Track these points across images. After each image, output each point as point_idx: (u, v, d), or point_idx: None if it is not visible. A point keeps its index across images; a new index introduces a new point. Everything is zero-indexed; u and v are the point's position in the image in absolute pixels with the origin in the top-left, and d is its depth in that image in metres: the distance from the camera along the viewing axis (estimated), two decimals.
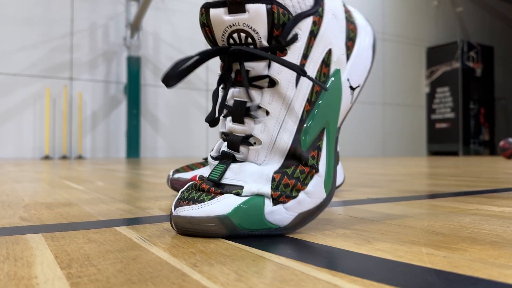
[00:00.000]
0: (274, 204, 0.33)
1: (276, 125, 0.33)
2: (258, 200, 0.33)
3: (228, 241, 0.32)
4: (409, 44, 5.90)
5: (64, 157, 3.81)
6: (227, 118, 0.35)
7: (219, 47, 0.33)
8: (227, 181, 0.33)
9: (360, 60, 0.38)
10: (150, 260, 0.26)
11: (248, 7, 0.31)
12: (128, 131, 4.05)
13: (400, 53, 5.76)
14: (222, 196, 0.33)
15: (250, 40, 0.32)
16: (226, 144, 0.35)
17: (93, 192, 0.70)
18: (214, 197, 0.33)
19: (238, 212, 0.32)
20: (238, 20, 0.31)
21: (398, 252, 0.28)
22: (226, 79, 0.34)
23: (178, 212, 0.33)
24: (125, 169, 1.57)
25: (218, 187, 0.33)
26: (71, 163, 2.35)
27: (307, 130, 0.34)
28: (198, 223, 0.32)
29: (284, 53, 0.33)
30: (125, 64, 4.12)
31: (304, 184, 0.34)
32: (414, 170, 1.45)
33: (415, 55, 5.98)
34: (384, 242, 0.31)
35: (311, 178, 0.34)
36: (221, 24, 0.32)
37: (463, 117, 5.67)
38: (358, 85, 0.39)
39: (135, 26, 4.05)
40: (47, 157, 3.73)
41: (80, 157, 3.87)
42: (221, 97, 0.35)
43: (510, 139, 2.95)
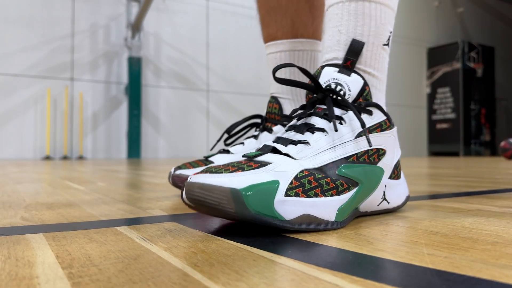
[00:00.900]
0: (286, 195, 0.34)
1: (329, 145, 0.39)
2: (272, 186, 0.33)
3: (229, 241, 0.32)
4: (410, 45, 5.90)
5: (65, 158, 3.81)
6: (288, 131, 0.41)
7: (320, 86, 0.42)
8: (260, 159, 0.37)
9: (397, 191, 0.45)
10: (151, 260, 0.26)
11: (353, 74, 0.42)
12: (129, 132, 4.05)
13: (401, 54, 5.75)
14: (240, 173, 0.34)
15: (342, 93, 0.42)
16: (274, 143, 0.39)
17: (94, 193, 0.70)
18: (232, 172, 0.34)
19: (251, 189, 0.32)
20: (342, 77, 0.42)
21: (399, 253, 0.28)
22: (306, 108, 0.42)
23: (193, 179, 0.34)
24: (126, 170, 1.57)
25: (250, 161, 0.36)
26: (72, 164, 2.35)
27: (346, 167, 0.38)
28: (210, 191, 0.33)
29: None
30: (126, 65, 4.13)
31: (323, 194, 0.36)
32: (415, 171, 1.45)
33: (416, 56, 5.98)
34: (385, 243, 0.31)
35: (330, 195, 0.36)
36: (330, 76, 0.43)
37: (464, 118, 5.67)
38: (385, 201, 0.44)
39: (136, 27, 4.06)
40: (48, 158, 3.73)
41: (81, 158, 3.87)
42: (294, 117, 0.43)
43: (511, 140, 2.95)
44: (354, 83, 0.42)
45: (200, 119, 4.51)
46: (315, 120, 0.41)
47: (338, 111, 0.41)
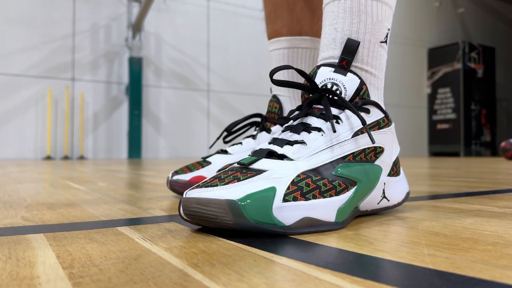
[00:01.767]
0: (284, 200, 0.34)
1: (326, 144, 0.39)
2: (270, 193, 0.33)
3: (230, 241, 0.32)
4: (410, 45, 5.90)
5: (66, 158, 3.82)
6: (285, 131, 0.41)
7: (317, 86, 0.42)
8: (255, 167, 0.36)
9: (396, 188, 0.45)
10: (152, 260, 0.26)
11: (349, 74, 0.42)
12: (130, 132, 4.05)
13: (401, 54, 5.75)
14: (236, 184, 0.34)
15: (338, 92, 0.41)
16: (270, 145, 0.39)
17: (95, 193, 0.70)
18: (227, 184, 0.34)
19: (248, 199, 0.32)
20: (338, 77, 0.42)
21: (400, 253, 0.28)
22: (303, 108, 0.42)
23: (188, 195, 0.34)
24: (127, 170, 1.57)
25: (245, 170, 0.36)
26: (73, 164, 2.35)
27: (343, 167, 0.38)
28: (207, 205, 0.33)
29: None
30: (127, 65, 4.13)
31: (322, 195, 0.36)
32: (415, 171, 1.45)
33: (417, 56, 5.98)
34: (386, 243, 0.31)
35: (329, 196, 0.36)
36: (326, 75, 0.42)
37: (465, 118, 5.67)
38: (385, 199, 0.44)
39: (137, 27, 4.06)
40: (49, 158, 3.73)
41: (82, 158, 3.87)
42: (290, 118, 0.42)
43: None
44: (350, 83, 0.42)
45: (201, 119, 4.51)
46: (312, 120, 0.41)
47: (335, 111, 0.41)
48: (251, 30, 4.71)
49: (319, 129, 0.39)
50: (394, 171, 0.45)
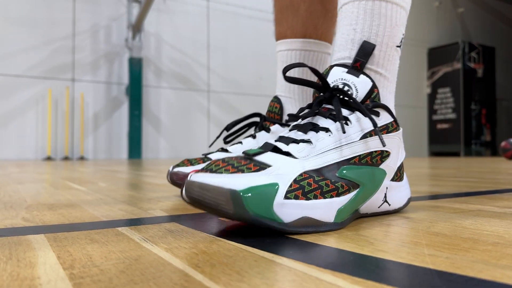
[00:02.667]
0: (286, 198, 0.34)
1: (332, 145, 0.38)
2: (272, 188, 0.33)
3: (230, 242, 0.32)
4: (410, 45, 5.90)
5: (66, 158, 3.82)
6: (292, 130, 0.41)
7: (328, 85, 0.41)
8: (259, 159, 0.36)
9: (398, 193, 0.45)
10: (153, 261, 0.26)
11: (361, 76, 0.42)
12: (130, 132, 4.05)
13: (401, 54, 5.69)
14: (240, 175, 0.33)
15: (349, 93, 0.41)
16: (276, 142, 0.39)
17: (95, 193, 0.70)
18: (233, 173, 0.34)
19: (250, 192, 0.32)
20: (350, 78, 0.42)
21: (400, 253, 0.28)
22: (313, 107, 0.42)
23: (193, 178, 0.34)
24: (127, 170, 1.57)
25: (250, 161, 0.36)
26: (73, 164, 2.35)
27: (347, 169, 0.38)
28: (209, 191, 0.33)
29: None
30: (127, 65, 4.13)
31: (323, 196, 0.35)
32: (416, 171, 1.45)
33: (416, 56, 5.97)
34: (386, 243, 0.31)
35: (330, 197, 0.36)
36: (338, 76, 0.42)
37: (465, 118, 5.66)
38: (386, 203, 0.44)
39: (137, 28, 4.06)
40: (49, 158, 3.73)
41: (82, 158, 3.87)
42: (299, 116, 0.42)
43: None
44: (362, 85, 0.41)
45: (201, 120, 4.51)
46: (320, 120, 0.40)
47: (345, 111, 0.41)
48: (251, 30, 4.71)
49: (327, 130, 0.39)
50: (398, 176, 0.45)
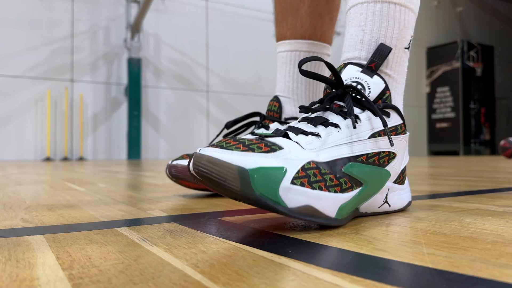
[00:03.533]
0: (292, 183, 0.33)
1: (341, 141, 0.39)
2: (280, 172, 0.33)
3: (229, 241, 0.32)
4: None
5: (65, 159, 3.82)
6: (302, 122, 0.41)
7: (342, 81, 0.41)
8: (271, 140, 0.36)
9: (399, 196, 0.45)
10: (152, 261, 0.26)
11: (375, 76, 0.42)
12: (129, 133, 4.05)
13: None
14: (250, 153, 0.33)
15: (362, 92, 0.41)
16: (284, 129, 0.39)
17: (95, 194, 0.70)
18: (244, 151, 0.33)
19: (259, 172, 0.32)
20: (364, 77, 0.42)
21: (399, 252, 0.28)
22: (324, 102, 0.42)
23: (202, 151, 0.34)
24: (127, 171, 1.57)
25: (260, 139, 0.36)
26: (73, 165, 2.35)
27: (353, 166, 0.38)
28: (217, 165, 0.32)
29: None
30: (126, 66, 4.13)
31: (327, 189, 0.35)
32: (415, 170, 1.45)
33: (415, 55, 5.98)
34: (385, 242, 0.31)
35: (333, 191, 0.36)
36: (352, 74, 0.43)
37: (464, 117, 5.67)
38: (386, 203, 0.44)
39: (136, 28, 4.06)
40: (48, 159, 3.73)
41: (81, 159, 3.87)
42: (311, 109, 0.42)
43: (511, 139, 2.95)
44: (375, 85, 0.42)
45: (200, 120, 4.51)
46: (330, 116, 0.40)
47: (356, 110, 0.41)
48: (250, 31, 4.71)
49: (336, 125, 0.39)
50: (400, 179, 0.45)
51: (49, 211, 0.50)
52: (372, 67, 0.42)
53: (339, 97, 0.42)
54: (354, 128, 0.38)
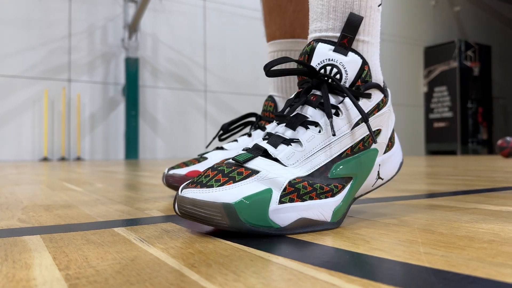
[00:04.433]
0: (280, 202, 0.33)
1: (323, 143, 0.37)
2: (266, 196, 0.33)
3: (226, 241, 0.32)
4: (407, 44, 5.91)
5: (63, 159, 3.81)
6: (280, 124, 0.39)
7: (313, 69, 0.38)
8: (250, 166, 0.35)
9: (390, 163, 0.43)
10: (149, 261, 0.26)
11: (350, 54, 0.39)
12: (127, 133, 4.04)
13: (398, 53, 5.76)
14: (231, 185, 0.33)
15: (338, 76, 0.38)
16: (265, 141, 0.38)
17: (92, 194, 0.70)
18: (223, 185, 0.33)
19: (244, 203, 0.32)
20: (338, 58, 0.38)
21: (396, 252, 0.28)
22: (301, 96, 0.40)
23: (184, 193, 0.34)
24: (124, 171, 1.57)
25: (239, 165, 0.36)
26: (70, 165, 2.34)
27: (339, 166, 0.37)
28: (202, 207, 0.32)
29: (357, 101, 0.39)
30: (123, 66, 4.12)
31: (318, 197, 0.35)
32: (412, 170, 1.46)
33: (413, 55, 5.98)
34: (382, 242, 0.31)
35: (326, 198, 0.36)
36: (323, 56, 0.39)
37: (461, 116, 5.68)
38: (379, 179, 0.43)
39: (133, 28, 4.05)
40: (46, 159, 3.72)
41: (79, 159, 3.86)
42: (288, 106, 0.40)
43: (508, 138, 2.96)
44: (352, 64, 0.38)
45: (198, 120, 4.50)
46: (309, 111, 0.38)
47: (334, 100, 0.38)
48: (248, 30, 4.71)
49: (317, 124, 0.37)
50: (389, 146, 0.43)
51: (46, 211, 0.50)
52: (345, 43, 0.39)
53: (316, 86, 0.39)
54: (334, 135, 0.36)
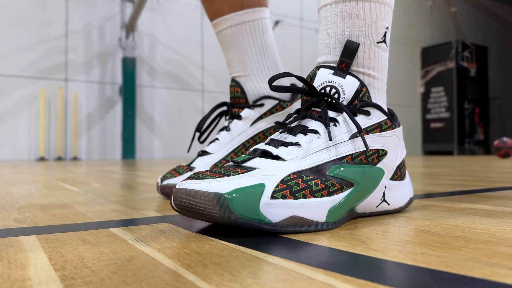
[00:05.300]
0: (272, 197, 0.34)
1: (322, 145, 0.39)
2: (258, 189, 0.34)
3: (223, 242, 0.32)
4: (404, 45, 5.92)
5: (59, 159, 3.80)
6: (282, 133, 0.41)
7: (314, 88, 0.42)
8: (247, 165, 0.37)
9: (398, 193, 0.44)
10: (145, 261, 0.26)
11: (348, 76, 0.42)
12: (124, 132, 4.04)
13: (395, 54, 5.78)
14: (225, 178, 0.34)
15: (336, 96, 0.41)
16: (266, 145, 0.39)
17: (88, 194, 0.70)
18: (218, 178, 0.34)
19: (235, 194, 0.33)
20: (337, 80, 0.42)
21: (392, 252, 0.28)
22: (301, 111, 0.42)
23: (179, 186, 0.35)
24: (121, 171, 1.56)
25: (238, 167, 0.37)
26: (67, 165, 2.34)
27: (340, 167, 0.38)
28: (195, 196, 0.33)
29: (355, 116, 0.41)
30: (121, 65, 4.12)
31: (312, 195, 0.36)
32: (409, 170, 1.46)
33: (410, 56, 6.00)
34: (378, 242, 0.31)
35: (321, 196, 0.36)
36: (324, 78, 0.42)
37: (458, 117, 5.70)
38: (385, 202, 0.43)
39: (130, 27, 4.05)
40: (42, 159, 3.71)
41: (76, 159, 3.85)
42: (289, 117, 0.43)
43: (505, 139, 2.97)
44: (349, 85, 0.41)
45: (195, 119, 4.50)
46: (309, 123, 0.41)
47: (333, 113, 0.41)
48: None
49: (316, 131, 0.39)
50: (398, 175, 0.45)
51: (42, 211, 0.50)
52: (343, 68, 0.42)
53: (316, 104, 0.42)
54: (330, 140, 0.38)
